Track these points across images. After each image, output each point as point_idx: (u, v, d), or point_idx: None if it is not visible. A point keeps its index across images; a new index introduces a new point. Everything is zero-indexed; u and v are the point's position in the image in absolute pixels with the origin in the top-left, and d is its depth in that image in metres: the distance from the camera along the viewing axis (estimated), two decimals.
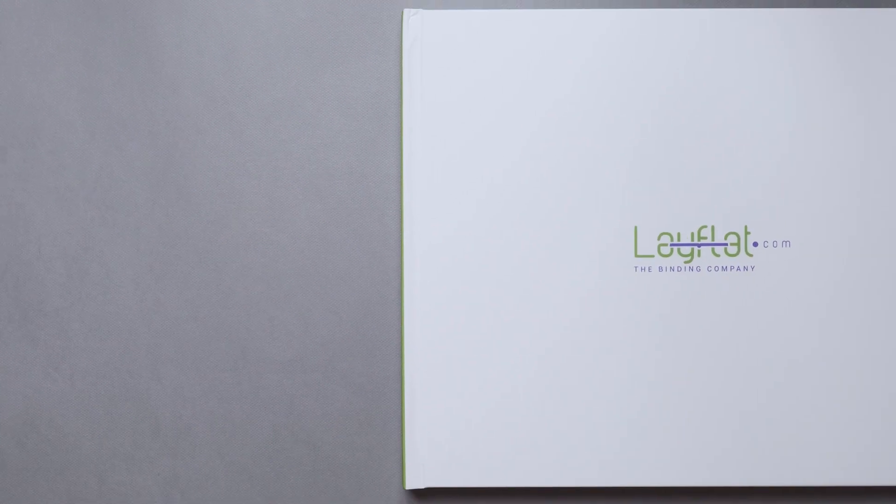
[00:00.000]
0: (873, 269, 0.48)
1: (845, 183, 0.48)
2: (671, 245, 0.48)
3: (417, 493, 0.49)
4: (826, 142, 0.49)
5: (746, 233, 0.48)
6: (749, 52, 0.49)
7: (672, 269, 0.48)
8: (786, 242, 0.48)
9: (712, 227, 0.48)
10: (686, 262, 0.48)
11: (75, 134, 0.51)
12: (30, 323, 0.50)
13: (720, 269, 0.48)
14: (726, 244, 0.48)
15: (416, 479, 0.48)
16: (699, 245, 0.48)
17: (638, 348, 0.48)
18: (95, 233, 0.51)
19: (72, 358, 0.50)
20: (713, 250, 0.48)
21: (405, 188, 0.49)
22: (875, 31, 0.49)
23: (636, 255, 0.48)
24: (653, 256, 0.48)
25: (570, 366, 0.49)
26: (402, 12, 0.50)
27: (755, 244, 0.48)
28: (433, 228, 0.49)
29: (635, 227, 0.48)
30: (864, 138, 0.49)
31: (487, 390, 0.49)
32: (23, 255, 0.50)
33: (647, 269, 0.48)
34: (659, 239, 0.48)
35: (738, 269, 0.48)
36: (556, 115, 0.49)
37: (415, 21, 0.49)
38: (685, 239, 0.48)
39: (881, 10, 0.48)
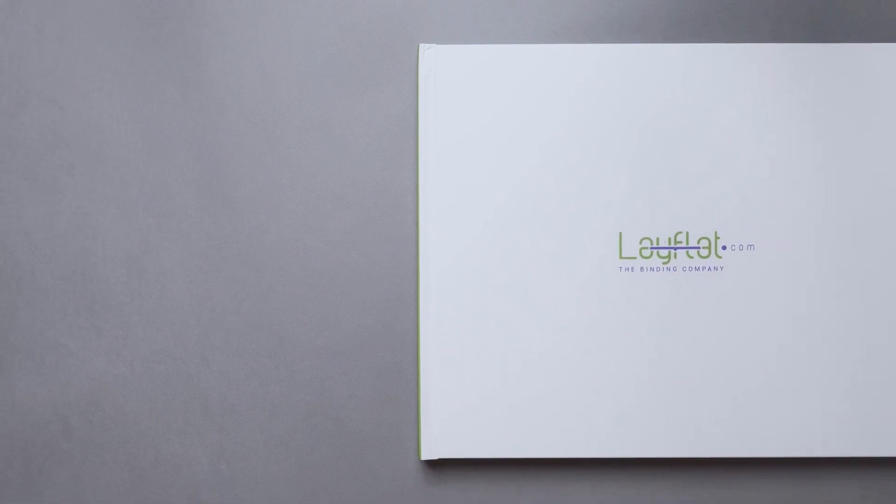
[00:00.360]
0: (825, 270, 0.51)
1: (801, 196, 0.51)
2: (651, 248, 0.51)
3: (431, 463, 0.52)
4: (786, 160, 0.51)
5: (716, 238, 0.51)
6: (719, 82, 0.51)
7: (652, 269, 0.51)
8: (750, 246, 0.51)
9: (687, 233, 0.51)
10: (664, 263, 0.51)
11: (134, 151, 0.53)
12: (95, 316, 0.53)
13: (693, 269, 0.51)
14: (699, 248, 0.51)
15: (431, 450, 0.50)
16: (675, 248, 0.51)
17: (623, 337, 0.51)
18: (152, 238, 0.53)
19: (132, 346, 0.53)
20: (687, 253, 0.51)
21: (421, 199, 0.51)
22: (830, 62, 0.51)
23: (621, 257, 0.51)
24: (635, 258, 0.51)
25: (565, 352, 0.51)
26: (419, 46, 0.52)
27: (724, 248, 0.51)
28: (445, 233, 0.51)
29: (620, 233, 0.51)
30: (820, 157, 0.51)
31: (493, 374, 0.51)
32: (89, 257, 0.53)
33: (630, 269, 0.51)
34: (640, 243, 0.51)
35: (709, 269, 0.50)
36: (554, 138, 0.51)
37: (429, 54, 0.51)
38: (663, 243, 0.51)
39: (836, 45, 0.51)
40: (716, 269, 0.50)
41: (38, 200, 0.53)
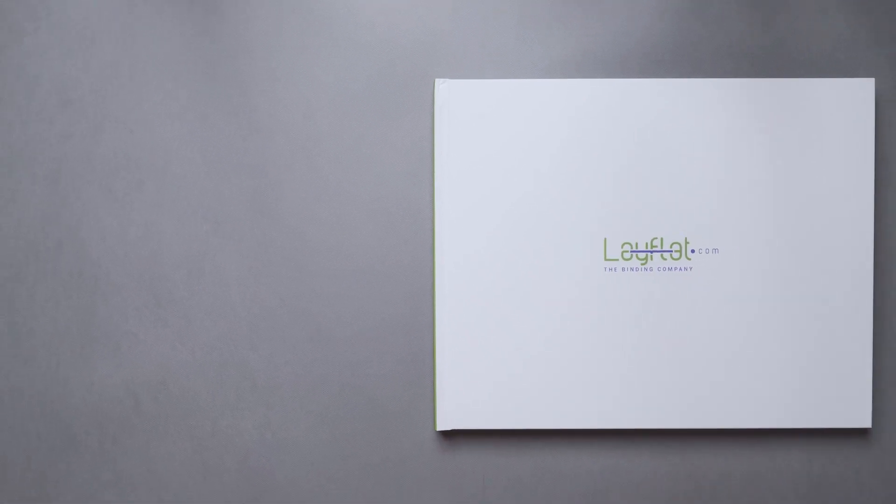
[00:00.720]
0: (777, 269, 0.53)
1: (758, 207, 0.53)
2: (631, 251, 0.53)
3: (445, 433, 0.55)
4: (745, 177, 0.53)
5: (686, 243, 0.53)
6: (688, 112, 0.53)
7: (632, 269, 0.53)
8: (715, 250, 0.53)
9: (661, 239, 0.53)
10: (642, 264, 0.53)
11: (195, 170, 0.55)
12: (162, 309, 0.55)
13: (667, 269, 0.53)
14: (671, 251, 0.53)
15: (444, 423, 0.53)
16: (652, 251, 0.53)
17: (608, 324, 0.53)
18: (209, 243, 0.55)
19: (192, 335, 0.55)
20: (662, 255, 0.53)
21: (436, 210, 0.53)
22: (781, 95, 0.53)
23: (605, 259, 0.53)
24: (618, 260, 0.53)
25: (558, 340, 0.53)
26: (434, 81, 0.54)
27: (693, 251, 0.53)
28: (457, 239, 0.53)
29: (605, 239, 0.53)
30: (772, 175, 0.53)
31: (497, 358, 0.53)
32: (157, 259, 0.55)
33: (613, 269, 0.53)
34: (622, 247, 0.53)
35: (680, 269, 0.53)
36: (549, 159, 0.53)
37: (443, 88, 0.53)
38: (641, 247, 0.53)
39: (787, 80, 0.53)
40: (686, 269, 0.53)
41: (113, 211, 0.55)
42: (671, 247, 0.53)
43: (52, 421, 0.55)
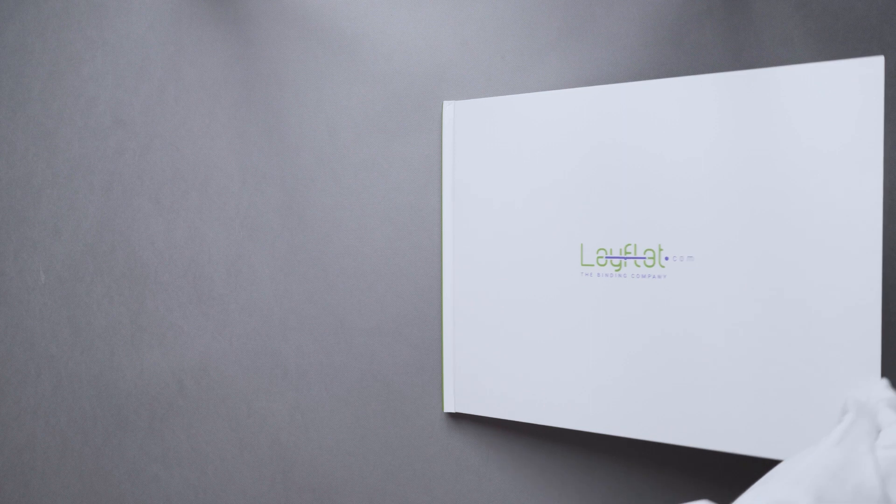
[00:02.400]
0: (747, 277, 0.47)
1: (730, 216, 0.48)
2: (606, 258, 0.50)
3: (451, 415, 0.56)
4: (717, 185, 0.48)
5: (660, 250, 0.49)
6: (659, 118, 0.49)
7: (607, 275, 0.50)
8: (689, 257, 0.48)
9: (635, 245, 0.50)
10: (616, 271, 0.50)
11: (232, 182, 0.58)
12: (203, 304, 0.57)
13: (641, 276, 0.50)
14: (645, 258, 0.50)
15: (450, 405, 0.55)
16: (626, 258, 0.50)
17: (584, 329, 0.51)
18: (245, 246, 0.57)
19: (230, 327, 0.57)
20: (636, 262, 0.50)
21: (444, 217, 0.55)
22: (758, 89, 0.47)
23: (582, 265, 0.51)
24: (593, 266, 0.51)
25: (542, 338, 0.52)
26: (442, 102, 0.56)
27: (666, 258, 0.49)
28: (461, 243, 0.54)
29: (581, 245, 0.51)
30: (745, 183, 0.47)
31: (497, 349, 0.53)
32: (199, 260, 0.57)
33: (590, 274, 0.51)
34: (597, 253, 0.51)
35: (654, 276, 0.49)
36: (538, 171, 0.53)
37: (450, 108, 0.55)
38: (616, 253, 0.50)
39: (763, 70, 0.46)
40: (659, 276, 0.49)
41: (161, 218, 0.58)
42: (645, 254, 0.50)
43: (106, 403, 0.58)
